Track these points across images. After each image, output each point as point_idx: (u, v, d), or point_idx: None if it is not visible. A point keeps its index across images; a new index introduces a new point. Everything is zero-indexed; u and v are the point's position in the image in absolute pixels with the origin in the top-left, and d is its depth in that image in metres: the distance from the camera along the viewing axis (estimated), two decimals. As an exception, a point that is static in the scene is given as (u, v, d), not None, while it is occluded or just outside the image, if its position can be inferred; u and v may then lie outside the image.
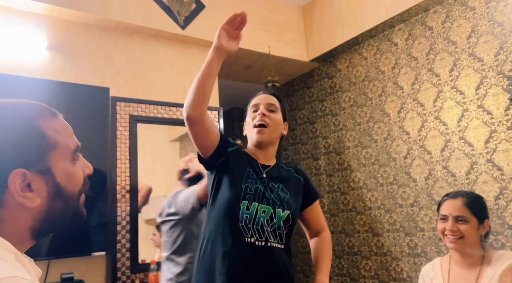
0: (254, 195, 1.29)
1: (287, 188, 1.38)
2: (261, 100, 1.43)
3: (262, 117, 1.38)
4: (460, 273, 1.44)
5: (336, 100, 3.44)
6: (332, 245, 3.47)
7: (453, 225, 1.40)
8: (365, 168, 3.13)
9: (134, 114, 2.56)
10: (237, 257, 1.23)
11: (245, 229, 1.25)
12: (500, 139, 2.34)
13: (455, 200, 1.45)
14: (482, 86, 2.44)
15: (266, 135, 1.38)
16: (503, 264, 1.34)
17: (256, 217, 1.26)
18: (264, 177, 1.36)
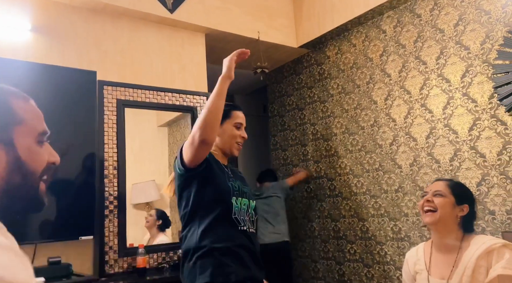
0: (238, 191, 1.50)
1: (244, 184, 1.61)
2: (243, 120, 1.65)
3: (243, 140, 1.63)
4: (440, 257, 1.48)
5: (324, 87, 3.45)
6: (318, 229, 3.51)
7: (430, 197, 1.50)
8: (351, 155, 3.18)
9: (121, 98, 2.54)
10: (238, 245, 1.42)
11: (238, 219, 1.45)
12: (483, 127, 2.39)
13: (439, 181, 1.56)
14: (467, 74, 2.48)
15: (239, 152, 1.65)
16: (479, 248, 1.37)
17: (240, 209, 1.48)
18: (231, 176, 1.57)
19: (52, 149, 0.76)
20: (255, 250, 1.47)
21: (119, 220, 2.39)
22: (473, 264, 1.34)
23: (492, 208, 2.33)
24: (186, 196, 1.46)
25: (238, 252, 1.40)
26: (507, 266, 1.29)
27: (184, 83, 2.88)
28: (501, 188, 2.29)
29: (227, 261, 1.37)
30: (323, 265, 3.36)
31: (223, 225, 1.42)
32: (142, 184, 2.88)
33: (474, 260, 1.35)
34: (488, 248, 1.35)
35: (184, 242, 1.46)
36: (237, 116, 1.62)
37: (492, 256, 1.33)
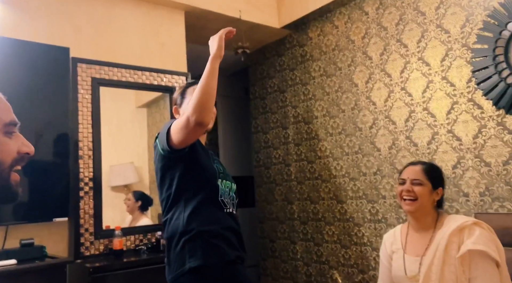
0: (222, 173, 1.48)
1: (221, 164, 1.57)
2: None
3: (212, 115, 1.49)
4: (416, 237, 1.52)
5: (306, 69, 3.42)
6: (297, 211, 3.54)
7: (409, 186, 1.51)
8: (332, 138, 3.18)
9: (96, 76, 2.45)
10: (226, 227, 1.40)
11: (224, 202, 1.44)
12: (460, 111, 2.41)
13: (414, 166, 1.56)
14: (447, 58, 2.49)
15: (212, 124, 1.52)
16: (452, 226, 1.42)
17: (224, 191, 1.46)
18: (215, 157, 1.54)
19: (25, 140, 0.75)
20: (240, 231, 1.46)
21: (95, 202, 2.34)
22: (446, 240, 1.39)
23: (466, 190, 2.38)
24: (169, 178, 1.40)
25: (226, 234, 1.38)
26: (477, 241, 1.35)
27: (162, 62, 2.80)
28: (476, 171, 2.34)
29: (217, 243, 1.35)
30: (301, 247, 3.40)
31: (210, 207, 1.39)
32: (120, 166, 2.82)
33: (447, 237, 1.40)
34: (460, 226, 1.41)
35: (169, 226, 1.40)
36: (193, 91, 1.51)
37: (463, 233, 1.39)
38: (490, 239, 1.38)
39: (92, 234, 2.29)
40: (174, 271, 1.34)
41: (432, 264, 1.38)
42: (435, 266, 1.37)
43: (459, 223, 1.42)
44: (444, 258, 1.37)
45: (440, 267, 1.36)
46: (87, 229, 2.29)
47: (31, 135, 2.11)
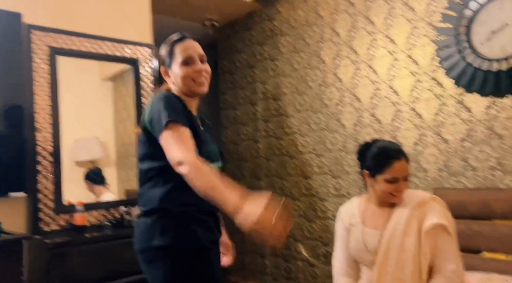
0: (211, 156, 1.33)
1: (212, 137, 1.44)
2: (193, 51, 1.36)
3: (201, 74, 1.36)
4: (376, 211, 1.55)
5: (275, 44, 3.38)
6: (265, 187, 3.56)
7: (405, 185, 1.47)
8: (299, 114, 3.20)
9: (54, 46, 2.32)
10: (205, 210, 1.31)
11: None
12: (423, 89, 2.47)
13: (400, 162, 1.46)
14: (412, 36, 2.52)
15: (206, 87, 1.39)
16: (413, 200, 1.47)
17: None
18: (202, 129, 1.38)
19: None
20: (218, 214, 1.40)
21: (55, 176, 2.27)
22: (407, 214, 1.44)
23: (425, 166, 2.47)
24: (153, 149, 1.28)
25: (203, 217, 1.31)
26: (441, 216, 1.42)
27: (126, 33, 2.68)
28: (435, 148, 2.42)
29: (191, 226, 1.29)
30: (268, 221, 3.45)
31: (191, 189, 1.25)
32: (85, 141, 2.73)
33: (408, 211, 1.45)
34: (420, 201, 1.47)
35: (144, 197, 1.32)
36: (182, 50, 1.36)
37: (423, 208, 1.45)
38: (447, 214, 1.46)
39: (52, 210, 2.23)
40: (142, 242, 1.30)
41: (394, 236, 1.43)
42: (397, 239, 1.42)
43: (419, 198, 1.48)
44: (405, 231, 1.42)
45: (401, 240, 1.41)
46: (46, 204, 2.22)
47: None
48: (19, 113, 2.15)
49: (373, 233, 1.50)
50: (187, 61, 1.35)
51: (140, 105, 2.66)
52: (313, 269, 3.08)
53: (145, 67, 2.71)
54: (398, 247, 1.42)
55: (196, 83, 1.35)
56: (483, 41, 2.18)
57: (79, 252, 2.03)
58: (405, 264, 1.40)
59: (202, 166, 1.15)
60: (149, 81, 2.73)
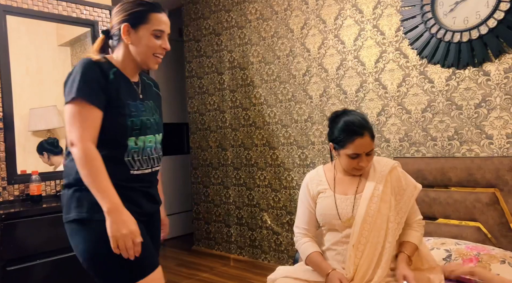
0: (140, 129, 1.31)
1: (156, 105, 1.44)
2: (166, 27, 1.36)
3: (164, 51, 1.37)
4: (345, 178, 1.58)
5: (242, 11, 3.29)
6: (231, 158, 3.55)
7: (367, 160, 1.50)
8: (267, 84, 3.16)
9: (1, 3, 2.14)
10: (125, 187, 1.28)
11: (132, 162, 1.31)
12: (388, 60, 2.49)
13: (363, 138, 1.47)
14: (379, 6, 2.50)
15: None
16: (386, 166, 1.57)
17: (144, 149, 1.33)
18: (141, 98, 1.37)
19: None
20: (148, 190, 1.37)
21: (7, 144, 2.14)
22: (384, 179, 1.52)
23: (387, 136, 2.52)
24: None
25: (124, 191, 1.27)
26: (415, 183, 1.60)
27: (82, -7, 2.52)
28: (397, 118, 2.47)
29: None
30: (234, 191, 3.46)
31: (111, 165, 1.24)
32: (42, 109, 2.59)
33: (384, 176, 1.53)
34: (392, 167, 1.57)
35: (65, 170, 1.31)
36: (158, 21, 1.33)
37: (394, 173, 1.56)
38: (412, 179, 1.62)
39: (5, 179, 2.12)
40: (63, 215, 1.30)
41: (371, 202, 1.49)
42: (374, 203, 1.48)
43: (390, 164, 1.57)
44: (382, 197, 1.49)
45: (378, 204, 1.48)
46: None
47: None
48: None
49: (345, 199, 1.54)
50: (159, 34, 1.34)
51: (100, 71, 2.54)
52: (278, 237, 3.15)
53: (104, 31, 2.57)
54: (375, 211, 1.48)
55: (154, 58, 1.35)
56: (446, 12, 2.20)
57: (34, 223, 1.96)
58: (380, 226, 1.47)
59: (92, 155, 1.19)
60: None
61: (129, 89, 1.33)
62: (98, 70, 1.25)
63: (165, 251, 3.89)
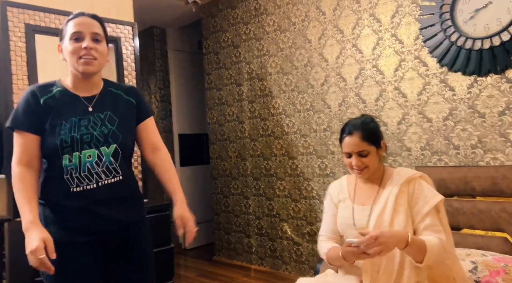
0: (72, 146, 1.31)
1: (115, 115, 1.39)
2: (83, 27, 1.33)
3: (89, 51, 1.32)
4: (364, 188, 1.57)
5: (260, 23, 3.33)
6: (250, 168, 3.57)
7: (358, 160, 1.48)
8: (285, 95, 3.18)
9: (31, 23, 2.24)
10: (64, 207, 1.33)
11: (70, 180, 1.32)
12: (407, 68, 2.47)
13: (352, 137, 1.48)
14: (397, 15, 2.50)
15: (94, 67, 1.34)
16: (402, 177, 1.50)
17: (81, 165, 1.32)
18: (90, 111, 1.36)
19: None
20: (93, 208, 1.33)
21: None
22: (397, 190, 1.47)
23: (409, 145, 2.49)
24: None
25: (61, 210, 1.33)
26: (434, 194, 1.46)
27: (105, 10, 2.61)
28: (418, 127, 2.45)
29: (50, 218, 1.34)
30: (254, 201, 3.47)
31: (55, 184, 1.32)
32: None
33: (398, 187, 1.47)
34: (409, 177, 1.49)
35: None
36: (72, 26, 1.33)
37: (412, 185, 1.48)
38: (434, 191, 1.50)
39: (33, 192, 2.19)
40: None
41: (384, 212, 1.45)
42: (386, 215, 1.44)
43: (408, 175, 1.50)
44: (395, 207, 1.44)
45: (390, 216, 1.44)
46: (27, 186, 2.18)
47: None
48: (-4, 93, 2.09)
49: (362, 209, 1.53)
50: (76, 37, 1.32)
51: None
52: (298, 247, 3.13)
53: (126, 46, 2.65)
54: (387, 222, 1.44)
55: (79, 60, 1.31)
56: (466, 20, 2.18)
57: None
58: None
59: (15, 176, 1.28)
60: (131, 60, 2.67)
61: (72, 105, 1.35)
62: (31, 98, 1.32)
63: (186, 261, 3.92)
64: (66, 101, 1.35)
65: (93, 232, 1.35)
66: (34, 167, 1.31)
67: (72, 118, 1.32)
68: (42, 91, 1.34)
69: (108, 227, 1.37)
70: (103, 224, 1.36)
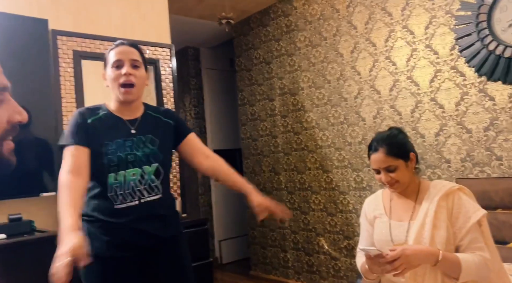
0: (118, 165, 1.38)
1: (156, 137, 1.47)
2: (123, 55, 1.42)
3: (128, 77, 1.40)
4: (400, 203, 1.54)
5: (291, 39, 3.39)
6: (284, 182, 3.58)
7: (386, 175, 1.45)
8: (317, 108, 3.20)
9: (78, 49, 2.39)
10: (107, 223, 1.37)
11: (115, 197, 1.38)
12: (443, 78, 2.44)
13: (377, 153, 1.46)
14: (431, 26, 2.49)
15: (133, 94, 1.42)
16: (440, 190, 1.45)
17: (125, 183, 1.39)
18: (133, 133, 1.44)
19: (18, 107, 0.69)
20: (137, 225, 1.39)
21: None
22: (435, 204, 1.42)
23: (448, 156, 2.44)
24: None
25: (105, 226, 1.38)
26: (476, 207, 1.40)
27: (145, 34, 2.74)
28: (457, 138, 2.40)
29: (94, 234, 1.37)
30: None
31: (99, 201, 1.39)
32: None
33: (436, 201, 1.42)
34: (447, 191, 1.44)
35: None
36: (113, 55, 1.43)
37: (451, 198, 1.42)
38: (476, 205, 1.43)
39: (81, 208, 2.30)
40: None
41: (423, 228, 1.40)
42: (426, 231, 1.40)
43: (446, 188, 1.44)
44: (434, 223, 1.40)
45: (430, 232, 1.39)
46: (75, 203, 2.30)
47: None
48: (49, 117, 2.23)
49: (400, 225, 1.49)
50: (117, 64, 1.41)
51: (161, 105, 2.72)
52: (336, 262, 3.10)
53: (164, 67, 2.76)
54: (427, 239, 1.40)
55: (121, 90, 1.40)
56: (505, 28, 2.14)
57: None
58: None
59: (61, 181, 1.29)
60: (169, 81, 2.79)
61: (117, 127, 1.43)
62: (79, 118, 1.41)
63: (223, 275, 3.95)
64: (111, 123, 1.43)
65: (134, 247, 1.40)
66: (82, 176, 1.33)
67: (117, 139, 1.41)
68: (89, 113, 1.44)
69: (148, 242, 1.42)
70: (144, 240, 1.41)
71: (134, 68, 1.43)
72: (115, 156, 1.38)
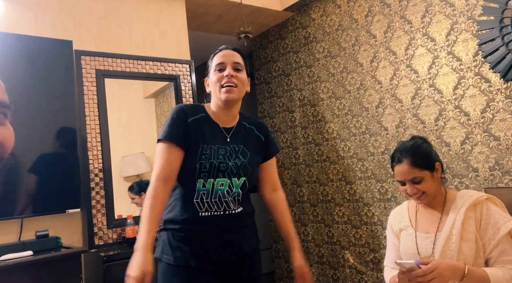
0: (209, 172, 1.34)
1: (248, 149, 1.43)
2: (226, 58, 1.41)
3: (230, 78, 1.37)
4: (426, 214, 1.50)
5: (310, 51, 3.39)
6: (307, 194, 3.54)
7: (412, 187, 1.42)
8: (338, 119, 3.17)
9: (100, 68, 2.47)
10: (190, 231, 1.33)
11: (200, 204, 1.34)
12: (467, 85, 2.38)
13: (400, 165, 1.43)
14: (452, 32, 2.44)
15: (235, 94, 1.38)
16: (467, 201, 1.40)
17: (213, 192, 1.34)
18: (228, 141, 1.40)
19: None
20: (221, 235, 1.35)
21: (106, 192, 2.39)
22: (463, 215, 1.38)
23: (475, 165, 2.36)
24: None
25: (190, 235, 1.33)
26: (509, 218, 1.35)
27: (165, 51, 2.80)
28: (484, 146, 2.31)
29: (175, 242, 1.33)
30: (312, 228, 3.42)
31: (185, 205, 1.34)
32: (131, 156, 2.86)
33: (464, 212, 1.38)
34: (475, 201, 1.39)
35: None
36: (216, 58, 1.42)
37: (479, 208, 1.38)
38: (507, 215, 1.38)
39: (105, 224, 2.34)
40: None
41: (450, 240, 1.37)
42: (453, 243, 1.36)
43: (473, 198, 1.40)
44: (462, 234, 1.35)
45: (458, 244, 1.35)
46: (99, 219, 2.34)
47: (38, 129, 2.15)
48: (73, 134, 2.29)
49: (426, 237, 1.45)
50: (219, 68, 1.40)
51: (182, 120, 2.76)
52: (362, 276, 3.01)
53: (185, 83, 2.81)
54: (455, 251, 1.35)
55: (221, 89, 1.37)
56: (530, 32, 2.07)
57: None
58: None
59: (150, 194, 1.27)
60: (189, 96, 2.83)
61: (213, 133, 1.39)
62: (182, 114, 1.37)
63: (246, 290, 3.90)
64: (208, 127, 1.40)
65: (215, 258, 1.37)
66: (170, 183, 1.32)
67: (212, 145, 1.37)
68: (190, 112, 1.40)
69: (230, 254, 1.39)
70: (228, 251, 1.38)
71: (236, 70, 1.40)
72: (208, 162, 1.34)
